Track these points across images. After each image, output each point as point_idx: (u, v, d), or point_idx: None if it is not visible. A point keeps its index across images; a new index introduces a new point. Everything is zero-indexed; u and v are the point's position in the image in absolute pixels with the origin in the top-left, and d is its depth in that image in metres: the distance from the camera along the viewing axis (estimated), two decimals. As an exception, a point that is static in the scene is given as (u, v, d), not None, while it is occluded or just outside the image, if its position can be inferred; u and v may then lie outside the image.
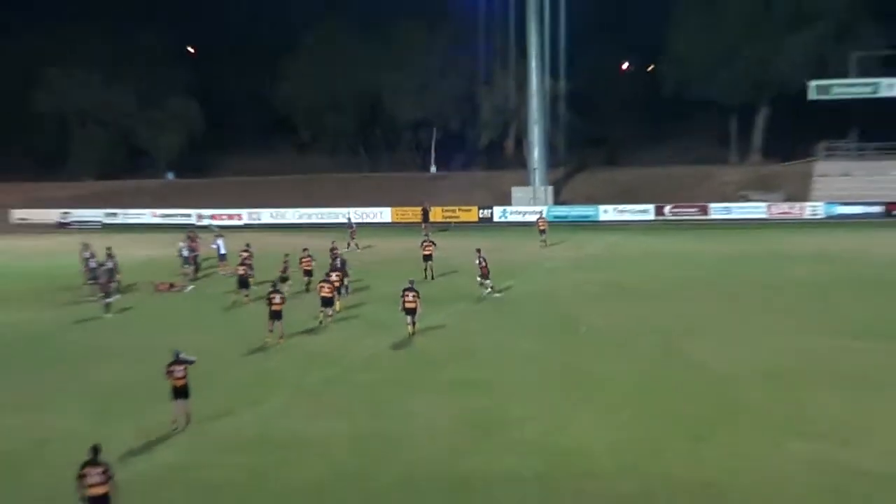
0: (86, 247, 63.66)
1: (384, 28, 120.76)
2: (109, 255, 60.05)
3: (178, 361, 33.23)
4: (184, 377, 33.13)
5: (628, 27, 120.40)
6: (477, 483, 28.12)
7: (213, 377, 39.17)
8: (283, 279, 57.54)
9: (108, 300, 54.43)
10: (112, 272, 57.31)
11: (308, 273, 58.55)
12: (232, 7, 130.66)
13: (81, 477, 24.65)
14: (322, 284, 49.65)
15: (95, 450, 25.19)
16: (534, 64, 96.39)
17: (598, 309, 51.71)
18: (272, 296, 46.66)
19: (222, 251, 66.60)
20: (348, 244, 73.52)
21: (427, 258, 62.36)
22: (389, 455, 30.58)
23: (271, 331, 46.16)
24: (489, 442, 31.50)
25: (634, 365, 40.37)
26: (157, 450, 31.58)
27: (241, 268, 57.53)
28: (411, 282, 48.21)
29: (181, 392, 33.12)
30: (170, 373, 33.10)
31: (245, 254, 60.93)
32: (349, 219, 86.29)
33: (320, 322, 49.30)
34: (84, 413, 35.60)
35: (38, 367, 42.97)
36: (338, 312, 50.28)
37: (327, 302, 49.10)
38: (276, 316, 46.06)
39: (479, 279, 55.72)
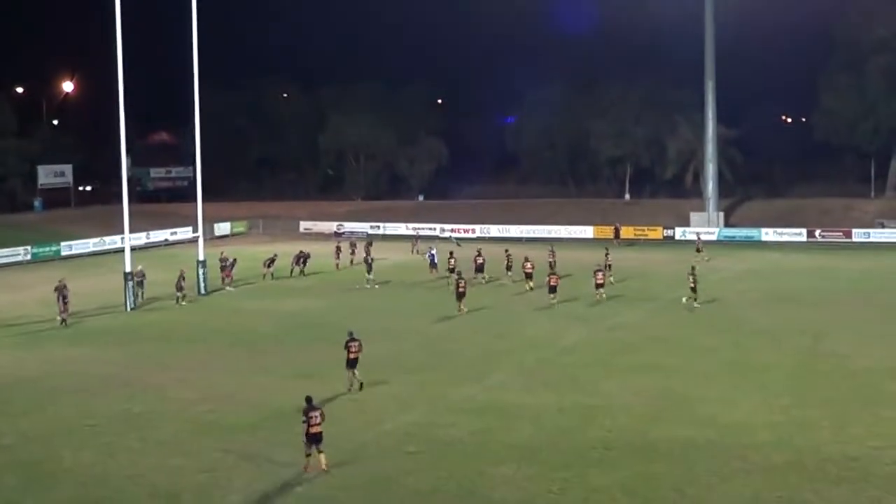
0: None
1: (592, 87, 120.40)
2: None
3: (352, 339, 33.62)
4: (357, 351, 33.50)
5: (787, 86, 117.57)
6: (661, 447, 27.61)
7: (450, 355, 39.09)
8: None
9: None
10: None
11: (528, 276, 56.91)
12: (471, 70, 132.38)
13: (308, 417, 25.67)
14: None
15: (309, 399, 26.34)
16: (710, 114, 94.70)
17: (760, 312, 50.11)
18: (459, 281, 50.65)
19: (434, 260, 63.62)
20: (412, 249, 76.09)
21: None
22: (589, 422, 30.16)
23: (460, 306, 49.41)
24: (670, 415, 30.87)
25: (789, 358, 39.21)
26: (404, 412, 31.61)
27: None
28: (597, 270, 53.62)
29: (353, 363, 33.51)
30: (347, 348, 33.51)
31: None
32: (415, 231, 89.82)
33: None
34: (343, 380, 34.56)
35: (309, 343, 43.24)
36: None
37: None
38: (459, 297, 49.53)
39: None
